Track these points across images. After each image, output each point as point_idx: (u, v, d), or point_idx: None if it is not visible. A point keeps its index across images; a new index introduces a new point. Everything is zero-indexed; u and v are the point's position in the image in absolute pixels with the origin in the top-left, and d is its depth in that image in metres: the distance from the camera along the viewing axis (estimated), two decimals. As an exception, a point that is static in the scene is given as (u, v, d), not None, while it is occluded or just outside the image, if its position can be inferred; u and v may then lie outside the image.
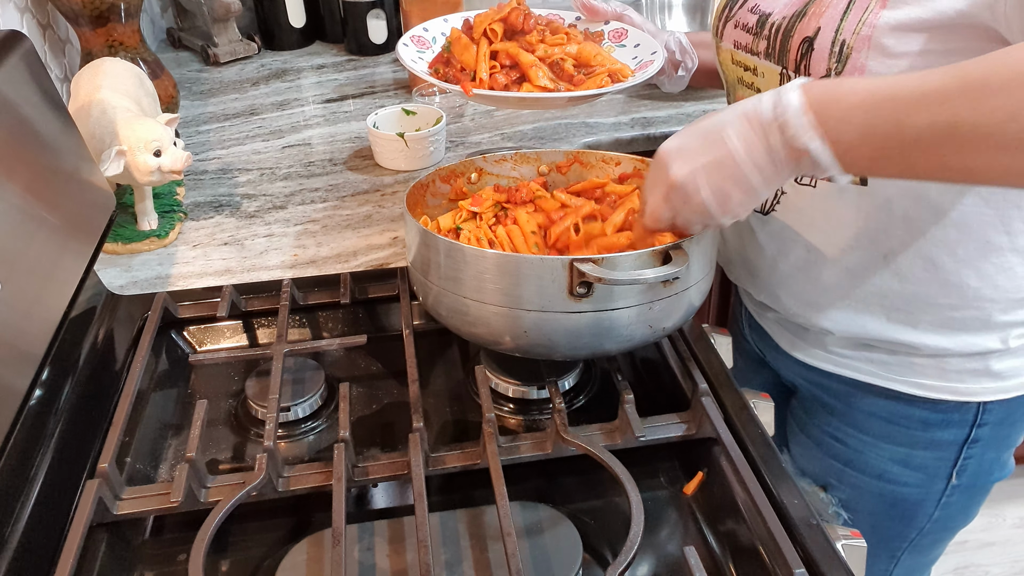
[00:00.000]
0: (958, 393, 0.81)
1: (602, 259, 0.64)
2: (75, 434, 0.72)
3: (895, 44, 0.66)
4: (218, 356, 0.83)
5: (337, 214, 1.09)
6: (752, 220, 0.86)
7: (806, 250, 0.81)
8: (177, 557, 0.66)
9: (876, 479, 0.89)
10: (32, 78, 0.74)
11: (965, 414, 0.83)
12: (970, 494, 0.90)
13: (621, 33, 0.99)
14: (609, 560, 0.65)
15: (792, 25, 0.73)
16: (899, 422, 0.85)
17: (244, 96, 1.49)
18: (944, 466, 0.86)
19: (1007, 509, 1.92)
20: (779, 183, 0.61)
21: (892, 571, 0.97)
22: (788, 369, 0.94)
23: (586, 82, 0.89)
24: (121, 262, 1.00)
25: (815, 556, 0.60)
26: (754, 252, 0.88)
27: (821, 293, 0.82)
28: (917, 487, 0.88)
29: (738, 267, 0.93)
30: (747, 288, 0.94)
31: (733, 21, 0.82)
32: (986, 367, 0.80)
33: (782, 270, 0.85)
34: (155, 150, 0.93)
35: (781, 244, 0.84)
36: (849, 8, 0.69)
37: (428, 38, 0.98)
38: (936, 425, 0.84)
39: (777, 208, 0.83)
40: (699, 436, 0.72)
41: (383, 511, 0.71)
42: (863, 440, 0.88)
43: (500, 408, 0.79)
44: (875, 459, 0.88)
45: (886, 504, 0.90)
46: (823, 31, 0.70)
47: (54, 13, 1.25)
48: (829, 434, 0.91)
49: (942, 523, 0.91)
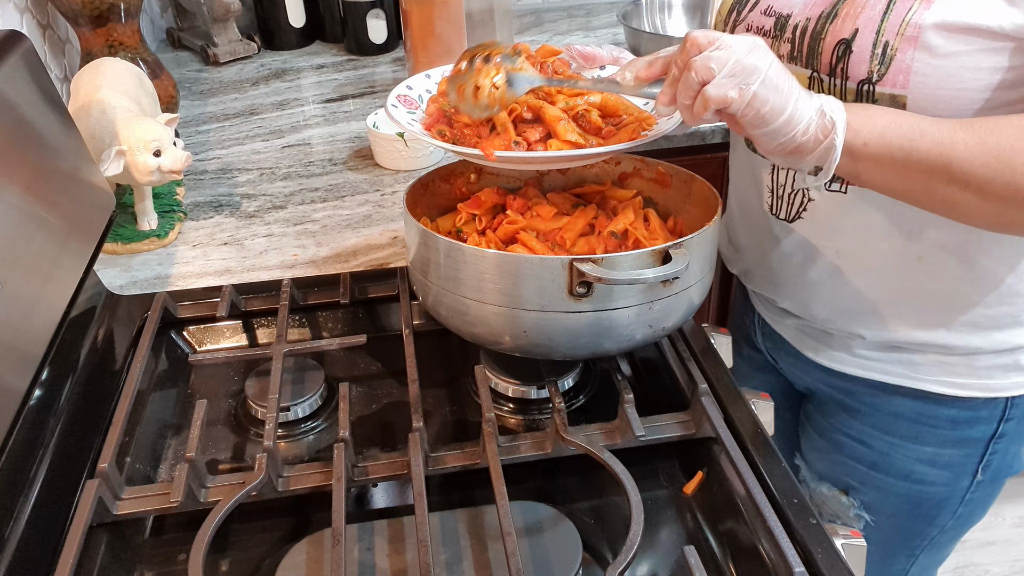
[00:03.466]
0: (988, 389, 0.81)
1: (602, 259, 0.64)
2: (75, 434, 0.72)
3: (943, 44, 0.65)
4: (218, 356, 0.83)
5: (337, 214, 1.09)
6: (776, 228, 0.85)
7: (836, 256, 0.80)
8: (177, 557, 0.66)
9: (902, 480, 0.88)
10: (32, 78, 0.74)
11: (993, 410, 0.82)
12: (990, 489, 0.89)
13: None
14: (609, 560, 0.65)
15: (822, 27, 0.72)
16: (927, 422, 0.84)
17: (244, 96, 1.49)
18: (971, 463, 0.86)
19: (1007, 509, 1.92)
20: (785, 137, 0.63)
21: (909, 570, 0.97)
22: (806, 374, 0.93)
23: (617, 134, 0.77)
24: (121, 262, 1.00)
25: (815, 556, 0.60)
26: (778, 261, 0.86)
27: (851, 298, 0.81)
28: (943, 485, 0.87)
29: (759, 276, 0.92)
30: (770, 296, 0.92)
31: (744, 24, 0.80)
32: (1016, 362, 0.80)
33: (811, 277, 0.84)
34: (155, 150, 0.93)
35: (809, 251, 0.82)
36: (890, 8, 0.67)
37: (414, 96, 0.86)
38: (964, 423, 0.83)
39: (804, 215, 0.81)
40: (699, 436, 0.72)
41: (383, 511, 0.71)
42: (888, 441, 0.87)
43: (500, 408, 0.79)
44: (901, 460, 0.87)
45: (911, 504, 0.90)
46: (862, 32, 0.68)
47: (54, 13, 1.25)
48: (851, 437, 0.90)
49: (963, 519, 0.91)
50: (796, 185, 0.81)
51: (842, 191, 0.77)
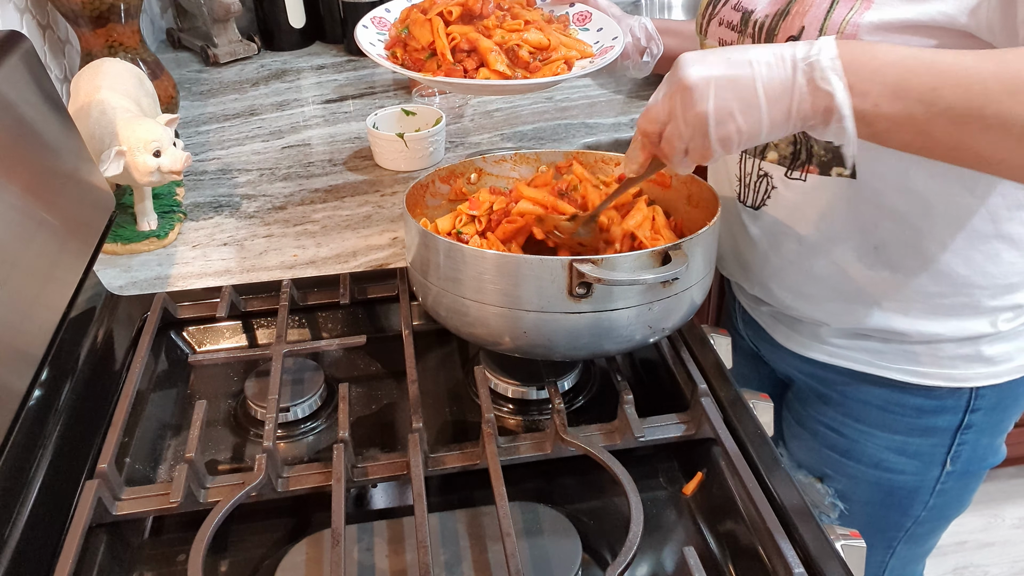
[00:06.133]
0: (951, 379, 0.83)
1: (601, 260, 0.64)
2: (74, 434, 0.71)
3: None
4: (217, 356, 0.83)
5: (337, 214, 1.09)
6: (744, 215, 0.86)
7: (797, 243, 0.82)
8: (176, 557, 0.66)
9: (873, 468, 0.90)
10: (32, 78, 0.74)
11: (958, 400, 0.84)
12: (964, 481, 0.91)
13: (585, 16, 0.98)
14: (608, 560, 0.65)
15: (776, 23, 0.74)
16: (894, 410, 0.86)
17: (244, 96, 1.49)
18: (939, 453, 0.87)
19: (1006, 509, 1.92)
20: (783, 131, 0.59)
21: (888, 562, 0.98)
22: (783, 362, 0.94)
23: (542, 69, 0.89)
24: (121, 262, 1.00)
25: (814, 556, 0.60)
26: (746, 246, 0.88)
27: (813, 285, 0.83)
28: (913, 475, 0.89)
29: (730, 262, 0.94)
30: (740, 282, 0.94)
31: (718, 18, 0.82)
32: (978, 352, 0.81)
33: (774, 263, 0.86)
34: (155, 150, 0.93)
35: (773, 238, 0.84)
36: (833, 7, 0.69)
37: (390, 19, 0.96)
38: (930, 412, 0.85)
39: (768, 203, 0.83)
40: (698, 436, 0.72)
41: (382, 511, 0.71)
42: (859, 429, 0.89)
43: (499, 408, 0.79)
44: (871, 448, 0.89)
45: (883, 493, 0.91)
46: (807, 30, 0.70)
47: (54, 13, 1.25)
48: (825, 425, 0.92)
49: (937, 511, 0.93)
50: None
51: (802, 179, 0.79)
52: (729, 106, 0.58)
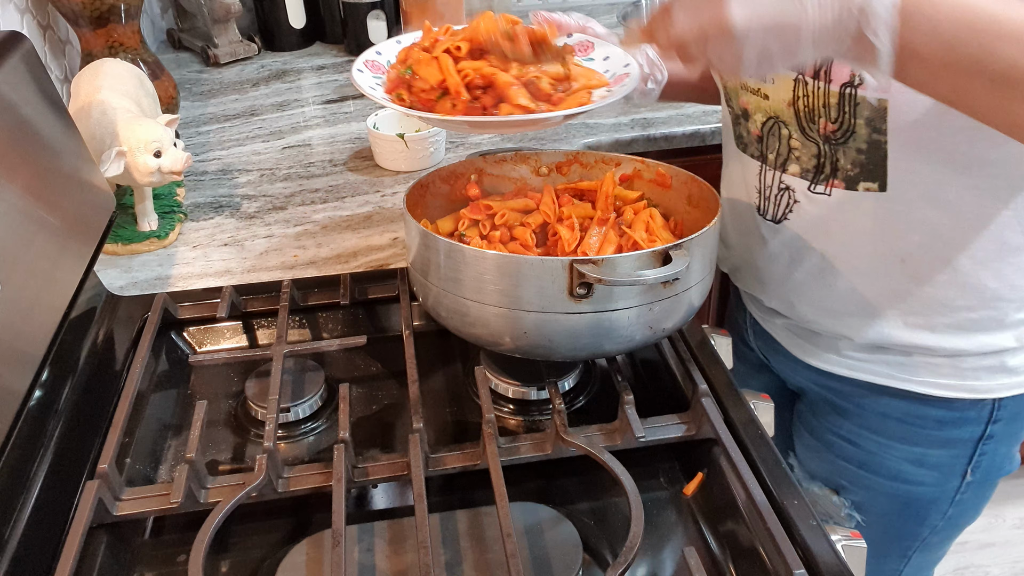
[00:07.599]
0: (974, 391, 0.81)
1: (602, 260, 0.64)
2: (75, 435, 0.71)
3: None
4: (218, 357, 0.83)
5: (337, 215, 1.09)
6: (763, 228, 0.85)
7: (821, 258, 0.81)
8: (177, 558, 0.66)
9: (891, 480, 0.89)
10: (32, 79, 0.74)
11: (980, 411, 0.83)
12: (981, 490, 0.90)
13: (587, 47, 0.90)
14: (609, 561, 0.65)
15: None
16: (914, 422, 0.85)
17: (244, 97, 1.49)
18: (959, 464, 0.86)
19: (1007, 510, 1.92)
20: (820, 56, 0.55)
21: (902, 571, 0.97)
22: (796, 374, 0.93)
23: (566, 100, 0.81)
24: (121, 263, 1.00)
25: (815, 556, 0.60)
26: (765, 260, 0.87)
27: (837, 300, 0.82)
28: (932, 486, 0.88)
29: (746, 274, 0.92)
30: (756, 295, 0.93)
31: None
32: (1002, 364, 0.80)
33: (796, 278, 0.84)
34: (155, 151, 0.93)
35: (795, 252, 0.83)
36: None
37: (382, 62, 0.88)
38: (951, 424, 0.84)
39: (790, 216, 0.82)
40: (699, 437, 0.72)
41: (383, 512, 0.71)
42: (877, 442, 0.88)
43: (500, 409, 0.79)
44: (890, 460, 0.88)
45: (900, 504, 0.90)
46: None
47: (54, 14, 1.25)
48: (841, 437, 0.91)
49: (954, 520, 0.92)
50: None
51: (827, 194, 0.77)
52: (769, 51, 0.54)
